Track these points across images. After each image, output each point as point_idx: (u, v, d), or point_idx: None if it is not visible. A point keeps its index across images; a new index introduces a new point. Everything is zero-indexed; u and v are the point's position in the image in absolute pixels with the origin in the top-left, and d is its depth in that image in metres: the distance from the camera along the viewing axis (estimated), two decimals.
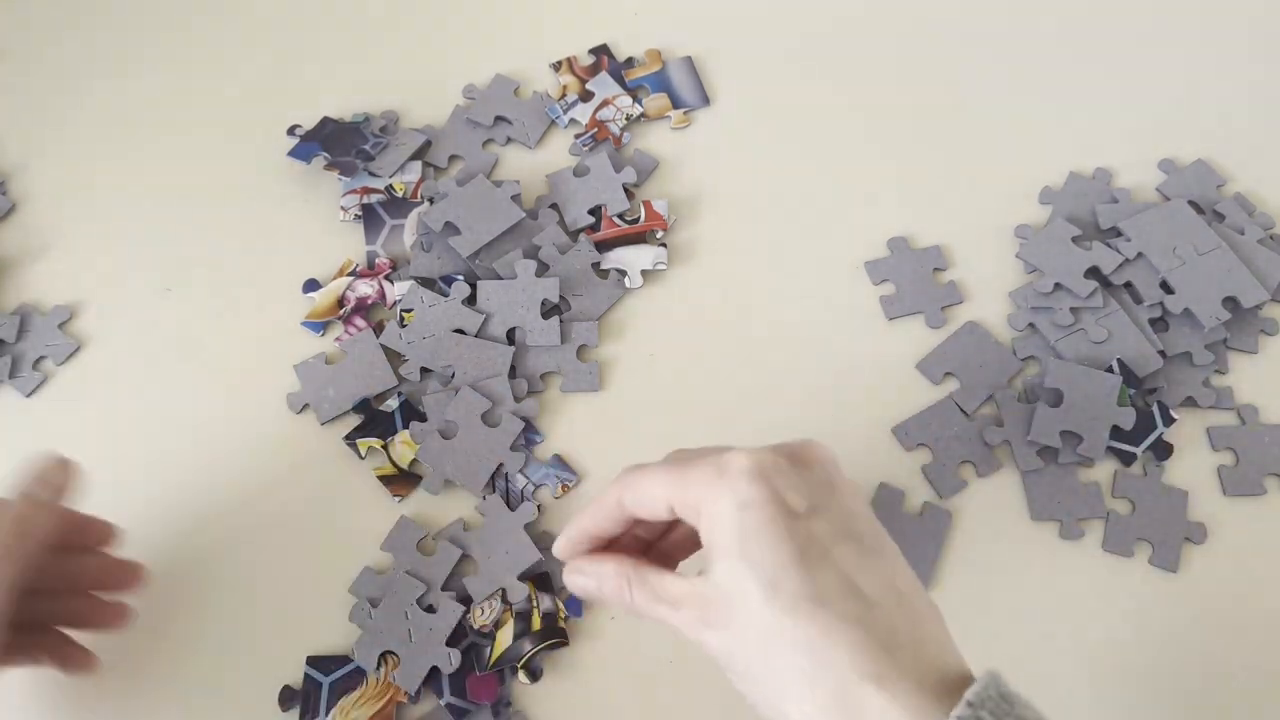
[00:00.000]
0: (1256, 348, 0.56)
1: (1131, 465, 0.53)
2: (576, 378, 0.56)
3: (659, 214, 0.61)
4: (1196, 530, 0.51)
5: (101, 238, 0.63)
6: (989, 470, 0.53)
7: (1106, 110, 0.65)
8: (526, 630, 0.49)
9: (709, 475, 0.35)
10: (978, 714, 0.31)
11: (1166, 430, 0.53)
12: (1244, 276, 0.56)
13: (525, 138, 0.65)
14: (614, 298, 0.59)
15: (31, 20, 0.73)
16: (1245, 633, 0.49)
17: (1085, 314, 0.56)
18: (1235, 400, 0.55)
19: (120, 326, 0.60)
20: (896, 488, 0.53)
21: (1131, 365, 0.54)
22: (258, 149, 0.65)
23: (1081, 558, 0.51)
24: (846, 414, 0.56)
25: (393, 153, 0.63)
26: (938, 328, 0.58)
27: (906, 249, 0.60)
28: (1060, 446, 0.52)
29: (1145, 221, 0.58)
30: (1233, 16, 0.69)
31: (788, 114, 0.66)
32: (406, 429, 0.55)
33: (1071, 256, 0.58)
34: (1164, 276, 0.56)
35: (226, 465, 0.55)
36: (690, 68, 0.68)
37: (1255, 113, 0.65)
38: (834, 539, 0.34)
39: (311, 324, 0.59)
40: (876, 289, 0.59)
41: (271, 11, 0.72)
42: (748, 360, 0.57)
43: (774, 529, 0.34)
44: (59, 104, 0.69)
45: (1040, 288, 0.57)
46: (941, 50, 0.68)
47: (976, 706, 0.31)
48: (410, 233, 0.61)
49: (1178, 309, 0.56)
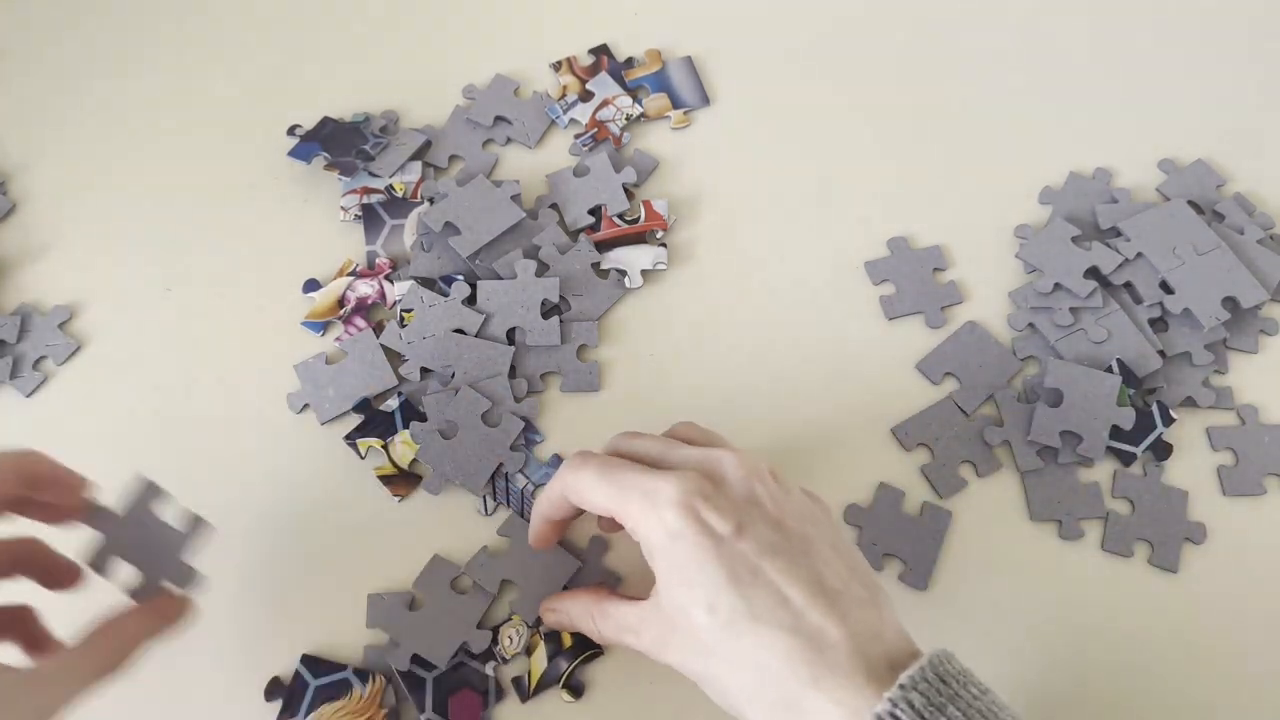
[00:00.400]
0: (1256, 347, 0.56)
1: (1131, 465, 0.53)
2: (576, 378, 0.56)
3: (659, 214, 0.61)
4: (1196, 530, 0.51)
5: (101, 238, 0.63)
6: (989, 470, 0.53)
7: (1106, 110, 0.65)
8: (559, 649, 0.49)
9: (642, 505, 0.38)
10: (908, 695, 0.33)
11: (1166, 430, 0.53)
12: (1244, 276, 0.56)
13: (525, 138, 0.65)
14: (614, 298, 0.59)
15: (31, 20, 0.73)
16: (1245, 633, 0.49)
17: (1085, 314, 0.56)
18: (1235, 400, 0.55)
19: (120, 326, 0.60)
20: (896, 488, 0.53)
21: (1131, 365, 0.54)
22: (258, 149, 0.65)
23: (1081, 558, 0.51)
24: (846, 414, 0.56)
25: (393, 153, 0.63)
26: (938, 328, 0.58)
27: (906, 249, 0.60)
28: (1060, 446, 0.52)
29: (1145, 221, 0.58)
30: (1233, 16, 0.69)
31: (788, 114, 0.66)
32: (406, 429, 0.55)
33: (1071, 256, 0.58)
34: (1164, 276, 0.56)
35: (226, 465, 0.55)
36: (690, 68, 0.68)
37: (1255, 113, 0.65)
38: (760, 554, 0.37)
39: (311, 324, 0.59)
40: (876, 289, 0.59)
41: (271, 11, 0.72)
42: (747, 360, 0.57)
43: (703, 555, 0.36)
44: (59, 104, 0.69)
45: (1040, 288, 0.57)
46: (942, 50, 0.68)
47: (908, 689, 0.33)
48: (410, 233, 0.61)
49: (1177, 309, 0.56)
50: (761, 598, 0.36)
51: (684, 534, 0.37)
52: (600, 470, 0.40)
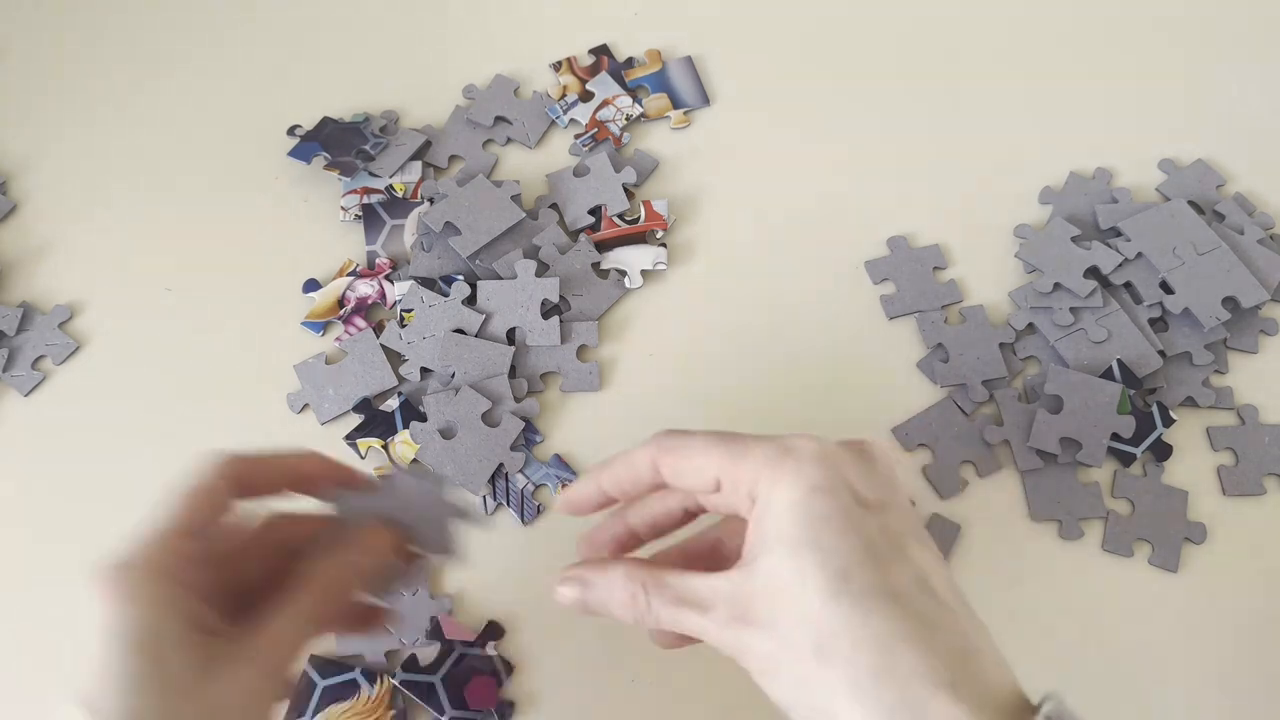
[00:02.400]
0: (1256, 347, 0.56)
1: (1131, 466, 0.53)
2: (576, 378, 0.56)
3: (659, 214, 0.61)
4: (1196, 530, 0.51)
5: (101, 238, 0.63)
6: (989, 470, 0.53)
7: (1106, 110, 0.65)
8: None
9: (772, 454, 0.32)
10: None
11: (1166, 431, 0.53)
12: (1244, 276, 0.56)
13: (525, 138, 0.65)
14: (614, 298, 0.59)
15: (31, 20, 0.73)
16: (1245, 633, 0.49)
17: (1085, 314, 0.56)
18: (1235, 400, 0.55)
19: (120, 326, 0.60)
20: None
21: (1131, 365, 0.54)
22: (258, 149, 0.65)
23: (1081, 557, 0.51)
24: (846, 414, 0.56)
25: (393, 153, 0.63)
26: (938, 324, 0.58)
27: (906, 248, 0.60)
28: (1059, 453, 0.52)
29: (1145, 221, 0.58)
30: (1233, 16, 0.69)
31: (788, 114, 0.66)
32: (406, 429, 0.55)
33: (1071, 256, 0.58)
34: (1164, 276, 0.56)
35: None
36: (690, 68, 0.68)
37: (1255, 112, 0.65)
38: (904, 535, 0.32)
39: (311, 324, 0.59)
40: (876, 288, 0.59)
41: (272, 11, 0.72)
42: (748, 360, 0.57)
43: (846, 517, 0.31)
44: (59, 104, 0.69)
45: (1040, 287, 0.57)
46: (942, 50, 0.68)
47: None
48: (410, 233, 0.61)
49: (1177, 309, 0.55)
50: (905, 578, 0.31)
51: (826, 488, 0.31)
52: (712, 433, 0.35)
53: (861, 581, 0.30)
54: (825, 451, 0.33)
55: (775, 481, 0.32)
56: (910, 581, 0.31)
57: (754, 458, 0.33)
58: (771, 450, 0.33)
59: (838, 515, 0.31)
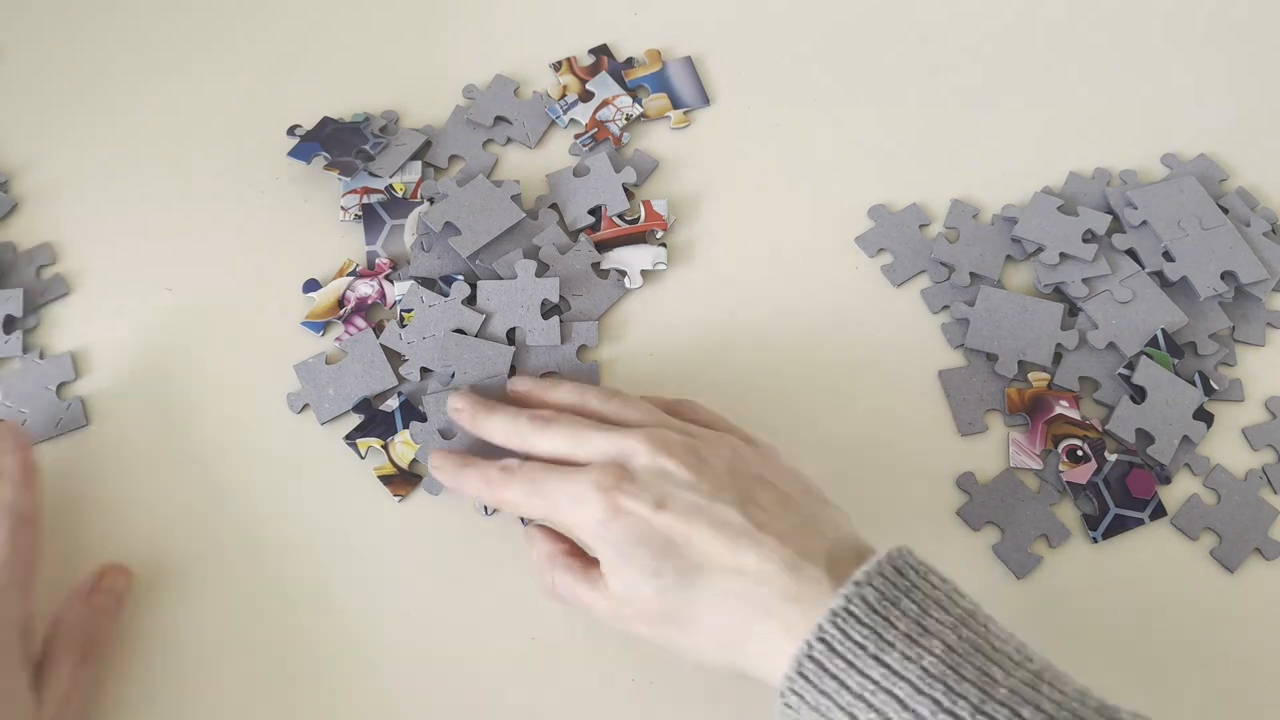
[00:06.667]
0: (1264, 340, 0.56)
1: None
2: (576, 378, 0.56)
3: (659, 214, 0.61)
4: (1272, 546, 0.51)
5: (101, 238, 0.63)
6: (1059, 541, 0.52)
7: (1106, 109, 0.65)
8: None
9: (571, 505, 0.42)
10: (862, 591, 0.36)
11: (1207, 400, 0.53)
12: (1245, 254, 0.56)
13: (525, 138, 0.65)
14: (614, 298, 0.59)
15: (32, 20, 0.73)
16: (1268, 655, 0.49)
17: (1102, 279, 0.57)
18: (1245, 393, 0.55)
19: (120, 326, 0.60)
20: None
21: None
22: (258, 149, 0.65)
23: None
24: (848, 412, 0.55)
25: (393, 153, 0.63)
26: (942, 281, 0.59)
27: (886, 214, 0.61)
28: (1134, 441, 0.52)
29: (1154, 193, 0.59)
30: (1235, 14, 0.69)
31: (788, 114, 0.66)
32: (406, 429, 0.55)
33: (1065, 225, 0.58)
34: (1166, 246, 0.56)
35: (226, 465, 0.55)
36: (690, 68, 0.68)
37: (1258, 107, 0.65)
38: (688, 519, 0.40)
39: (311, 324, 0.59)
40: (875, 259, 0.60)
41: (271, 12, 0.72)
42: (748, 359, 0.57)
43: (635, 533, 0.41)
44: (59, 104, 0.69)
45: (1047, 260, 0.57)
46: (942, 51, 0.68)
47: (862, 584, 0.36)
48: (410, 233, 0.61)
49: (1175, 276, 0.56)
50: (700, 553, 0.40)
51: (612, 520, 0.41)
52: (525, 487, 0.44)
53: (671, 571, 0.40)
54: (600, 488, 0.41)
55: (581, 526, 0.42)
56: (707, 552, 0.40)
57: (559, 509, 0.43)
58: (567, 501, 0.43)
59: (629, 534, 0.41)
